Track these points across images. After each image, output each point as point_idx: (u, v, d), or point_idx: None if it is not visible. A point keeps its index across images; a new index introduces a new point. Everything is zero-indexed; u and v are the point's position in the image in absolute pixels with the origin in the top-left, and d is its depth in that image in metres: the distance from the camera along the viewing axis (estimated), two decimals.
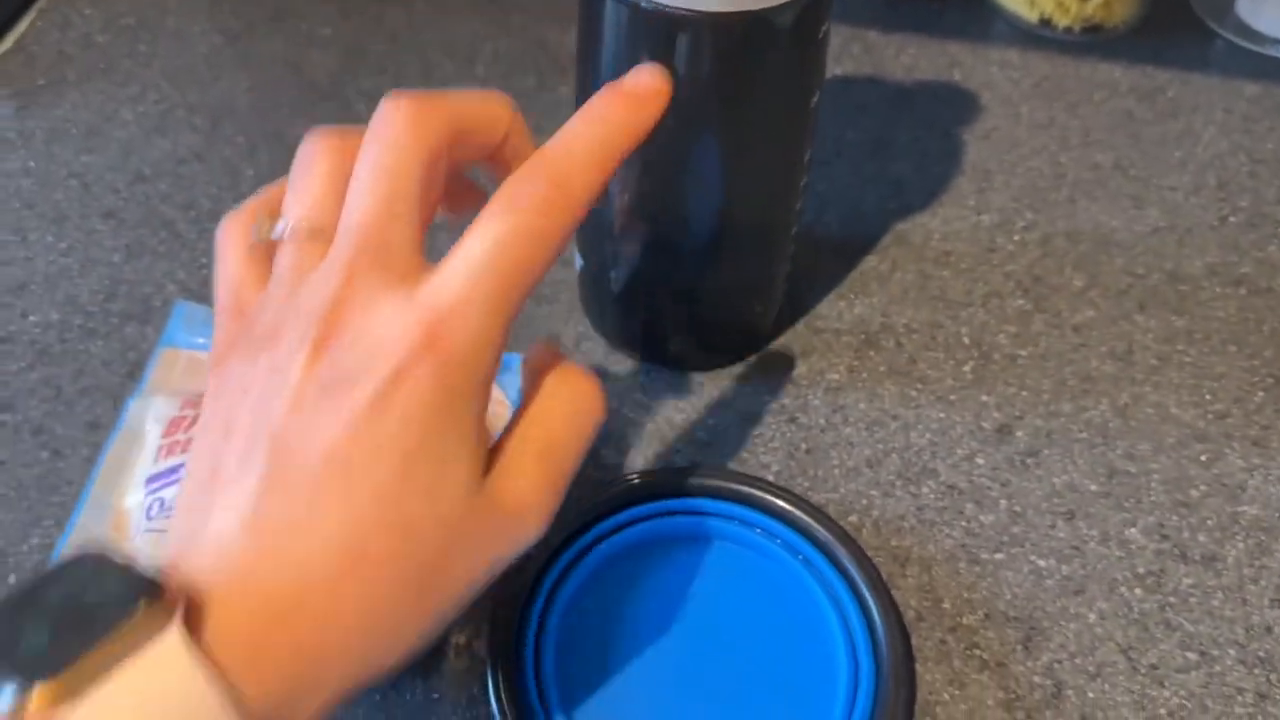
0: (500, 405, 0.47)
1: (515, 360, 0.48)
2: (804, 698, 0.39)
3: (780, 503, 0.42)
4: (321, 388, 0.27)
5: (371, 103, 0.29)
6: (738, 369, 0.50)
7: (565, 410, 0.31)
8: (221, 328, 0.31)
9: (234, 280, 0.32)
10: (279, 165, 0.59)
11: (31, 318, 0.51)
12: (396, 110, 0.29)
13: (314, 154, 0.31)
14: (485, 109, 0.31)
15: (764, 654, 0.40)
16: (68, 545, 0.41)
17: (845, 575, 0.41)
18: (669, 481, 0.44)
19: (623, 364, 0.50)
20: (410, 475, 0.27)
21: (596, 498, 0.43)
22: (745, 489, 0.43)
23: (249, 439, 0.27)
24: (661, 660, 0.40)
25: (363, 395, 0.27)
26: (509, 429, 0.31)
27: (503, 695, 0.37)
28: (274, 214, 0.31)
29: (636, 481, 0.44)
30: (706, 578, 0.42)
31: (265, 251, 0.31)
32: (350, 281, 0.28)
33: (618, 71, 0.38)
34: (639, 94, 0.31)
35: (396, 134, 0.29)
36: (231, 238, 0.32)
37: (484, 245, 0.28)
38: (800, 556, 0.42)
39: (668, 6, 0.35)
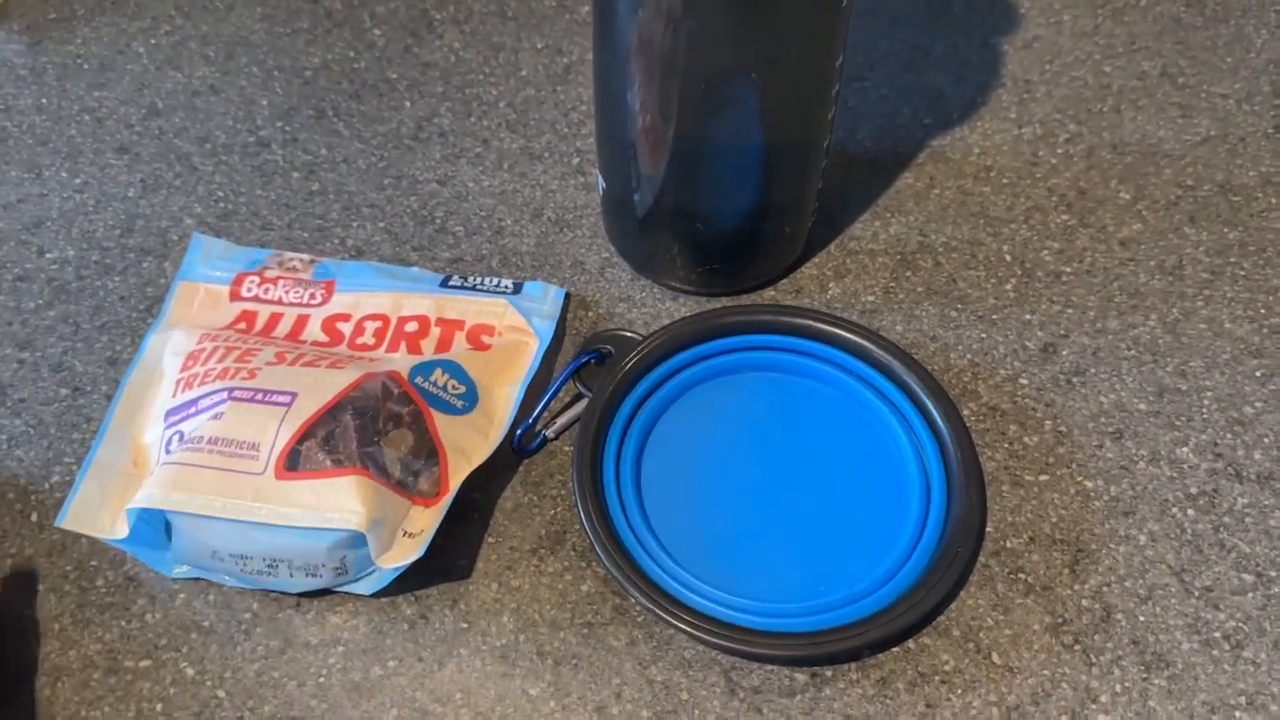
0: (527, 335, 0.45)
1: (538, 287, 0.47)
2: (879, 505, 0.40)
3: (842, 332, 0.44)
4: None
5: (387, 29, 0.28)
6: (768, 293, 0.48)
7: None
8: None
9: None
10: (294, 96, 0.58)
11: (48, 255, 0.50)
12: None
13: None
14: None
15: (836, 467, 0.42)
16: (86, 480, 0.40)
17: (905, 388, 0.43)
18: (741, 318, 0.45)
19: (648, 289, 0.48)
20: None
21: (669, 332, 0.44)
22: (811, 323, 0.44)
23: None
24: (735, 476, 0.41)
25: None
26: None
27: (590, 507, 0.39)
28: None
29: (704, 317, 0.45)
30: (779, 403, 0.44)
31: None
32: None
33: None
34: None
35: None
36: None
37: None
38: (863, 379, 0.43)
39: None
